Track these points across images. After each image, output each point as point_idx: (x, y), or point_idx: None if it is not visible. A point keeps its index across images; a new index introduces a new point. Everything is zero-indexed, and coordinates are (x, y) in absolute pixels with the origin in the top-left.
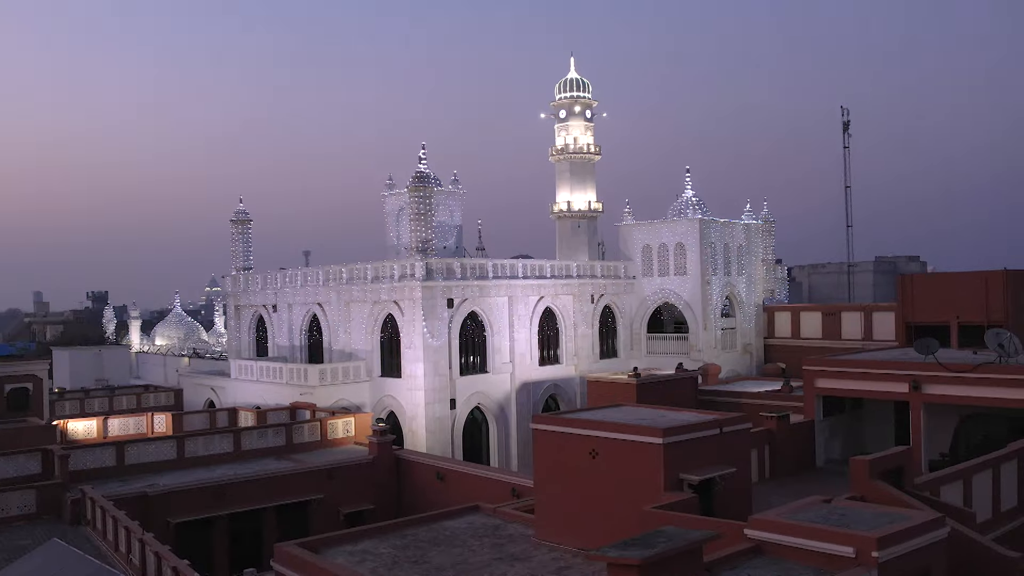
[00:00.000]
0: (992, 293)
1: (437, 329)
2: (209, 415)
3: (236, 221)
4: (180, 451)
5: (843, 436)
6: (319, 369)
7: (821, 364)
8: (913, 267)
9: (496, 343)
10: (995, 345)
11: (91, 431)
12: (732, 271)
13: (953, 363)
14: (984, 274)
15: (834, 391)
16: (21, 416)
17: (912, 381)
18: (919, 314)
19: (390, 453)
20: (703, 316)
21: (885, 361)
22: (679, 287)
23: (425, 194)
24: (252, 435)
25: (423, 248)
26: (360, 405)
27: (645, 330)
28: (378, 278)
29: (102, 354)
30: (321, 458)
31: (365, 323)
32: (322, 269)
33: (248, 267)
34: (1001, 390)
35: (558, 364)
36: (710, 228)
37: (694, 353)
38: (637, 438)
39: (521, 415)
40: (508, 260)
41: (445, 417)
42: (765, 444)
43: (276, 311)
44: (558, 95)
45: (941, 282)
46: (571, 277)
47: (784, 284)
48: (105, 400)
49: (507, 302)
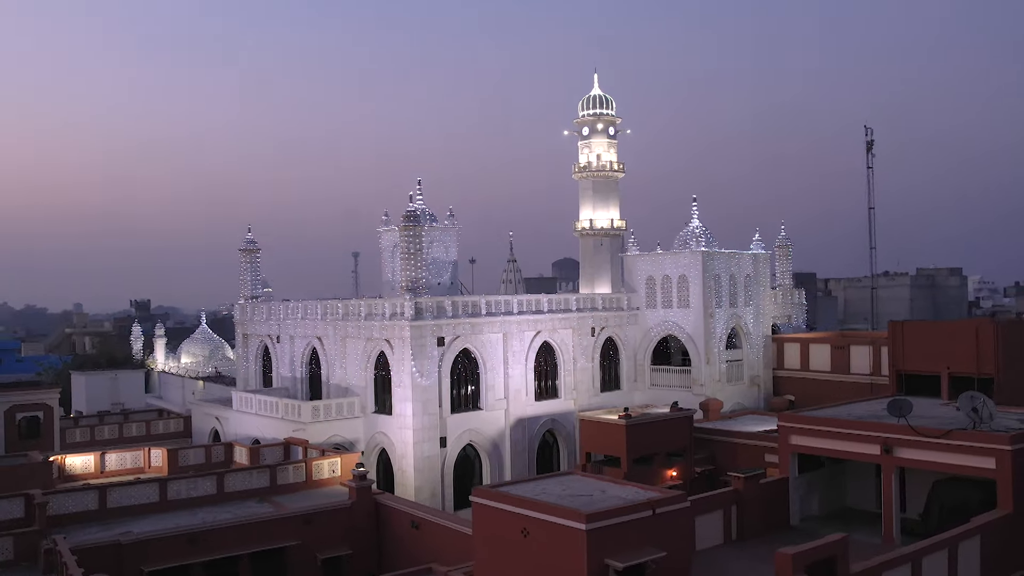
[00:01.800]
0: (983, 344)
1: (426, 368)
2: (205, 450)
3: (245, 251)
4: (163, 494)
5: (823, 492)
6: (312, 406)
7: (795, 421)
8: (953, 281)
9: (490, 380)
10: (969, 409)
11: (88, 466)
12: (739, 302)
13: (926, 427)
14: (975, 323)
15: (808, 449)
16: (33, 444)
17: (884, 444)
18: (910, 363)
19: (369, 497)
20: (706, 350)
21: (859, 421)
22: (682, 319)
23: (415, 233)
24: (235, 477)
25: (412, 287)
26: (354, 441)
27: (649, 362)
28: (371, 315)
29: (118, 378)
30: (304, 500)
31: (359, 359)
32: (320, 303)
33: (256, 295)
34: (971, 458)
35: (556, 398)
36: (714, 260)
37: (696, 387)
38: (562, 521)
39: (516, 452)
40: (503, 296)
41: (434, 456)
42: (732, 504)
43: (279, 342)
44: (581, 112)
45: (932, 330)
46: (570, 311)
47: (802, 309)
48: (116, 427)
49: (501, 338)
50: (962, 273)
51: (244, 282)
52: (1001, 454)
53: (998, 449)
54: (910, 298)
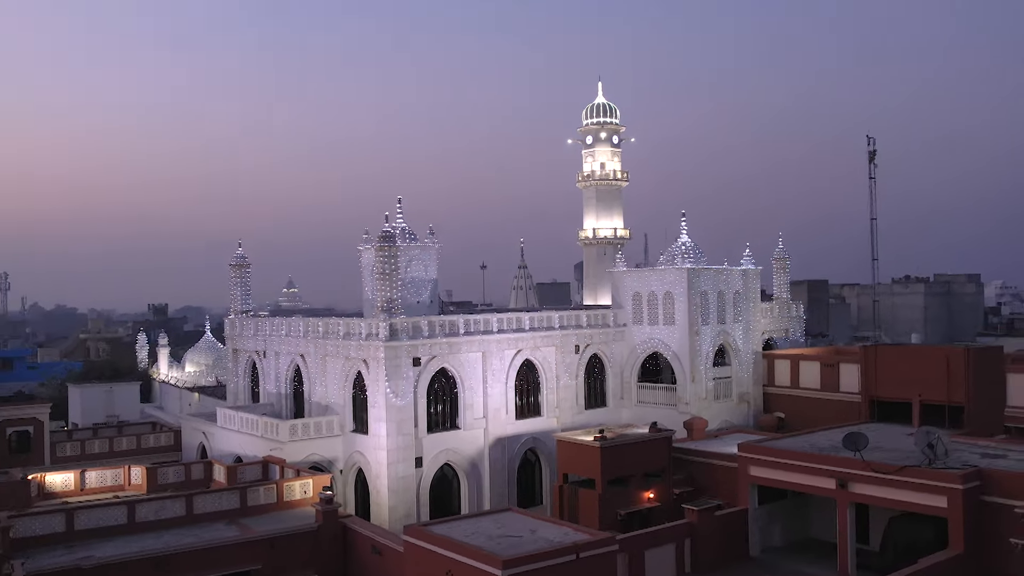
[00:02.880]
0: (954, 371)
1: (401, 388)
2: (185, 468)
3: (235, 265)
4: (131, 516)
5: (785, 522)
6: (289, 425)
7: (754, 452)
8: (970, 288)
9: (468, 399)
10: (924, 445)
11: (69, 484)
12: (727, 319)
13: (882, 462)
14: (946, 351)
15: (767, 481)
16: (23, 458)
17: (839, 479)
18: (882, 389)
19: (336, 521)
20: (691, 367)
21: (815, 454)
22: (667, 337)
23: (390, 253)
24: (205, 499)
25: (388, 307)
26: (333, 460)
27: (636, 379)
28: (349, 334)
29: (113, 390)
30: (273, 523)
31: (339, 378)
32: (302, 321)
33: (247, 310)
34: (924, 495)
35: (538, 416)
36: (700, 277)
37: (681, 405)
38: (480, 565)
39: (495, 471)
40: (482, 315)
41: (410, 476)
42: (685, 538)
43: (265, 358)
44: (585, 121)
45: (904, 356)
46: (552, 328)
47: (800, 322)
48: (106, 441)
49: (480, 357)
50: (980, 280)
51: (235, 297)
52: (952, 493)
53: (949, 488)
54: (924, 306)
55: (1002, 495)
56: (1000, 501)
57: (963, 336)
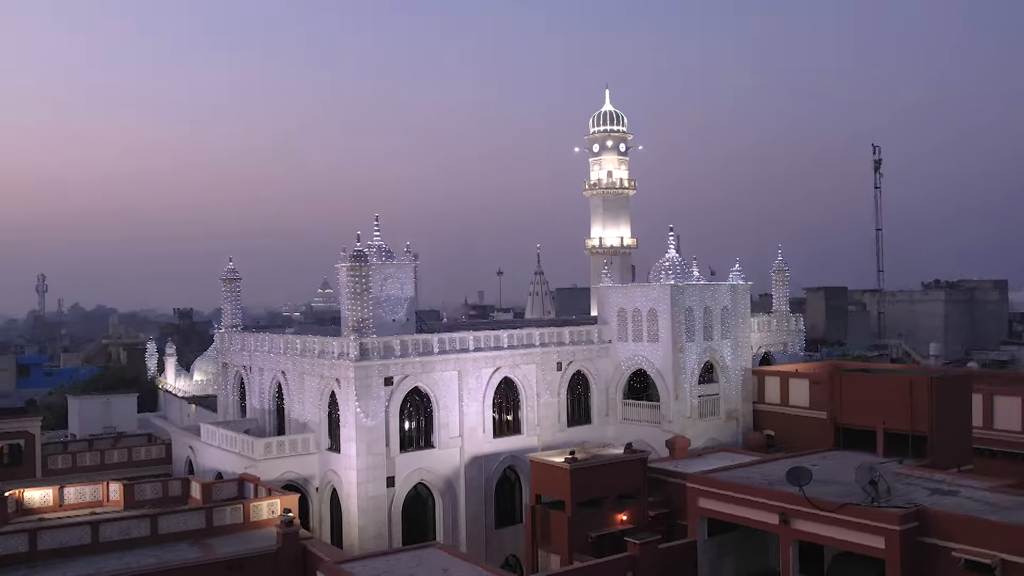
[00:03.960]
0: (917, 400)
1: (372, 408)
2: (162, 484)
3: (226, 280)
4: (95, 536)
5: (736, 554)
6: (264, 442)
7: (702, 483)
8: (994, 295)
9: (443, 418)
10: (865, 483)
11: (47, 500)
12: (715, 335)
13: (822, 499)
14: (909, 378)
15: (715, 513)
16: (14, 471)
17: (781, 514)
18: (847, 416)
19: (297, 544)
20: (674, 385)
21: (759, 488)
22: (651, 354)
23: (362, 273)
24: (170, 519)
25: (358, 327)
26: (309, 478)
27: (621, 396)
28: (324, 353)
29: (110, 402)
30: (238, 544)
31: (315, 396)
32: (283, 338)
33: (236, 325)
34: (863, 535)
35: (518, 435)
36: (684, 293)
37: (665, 424)
38: None
39: (471, 490)
40: (458, 334)
41: (380, 496)
42: (627, 571)
43: (251, 373)
44: (592, 128)
45: (868, 383)
46: (533, 346)
47: (800, 336)
48: (98, 454)
49: (456, 376)
50: (1006, 286)
51: (226, 312)
52: (890, 534)
53: (887, 528)
54: (944, 314)
55: (940, 537)
56: (938, 543)
57: (986, 344)
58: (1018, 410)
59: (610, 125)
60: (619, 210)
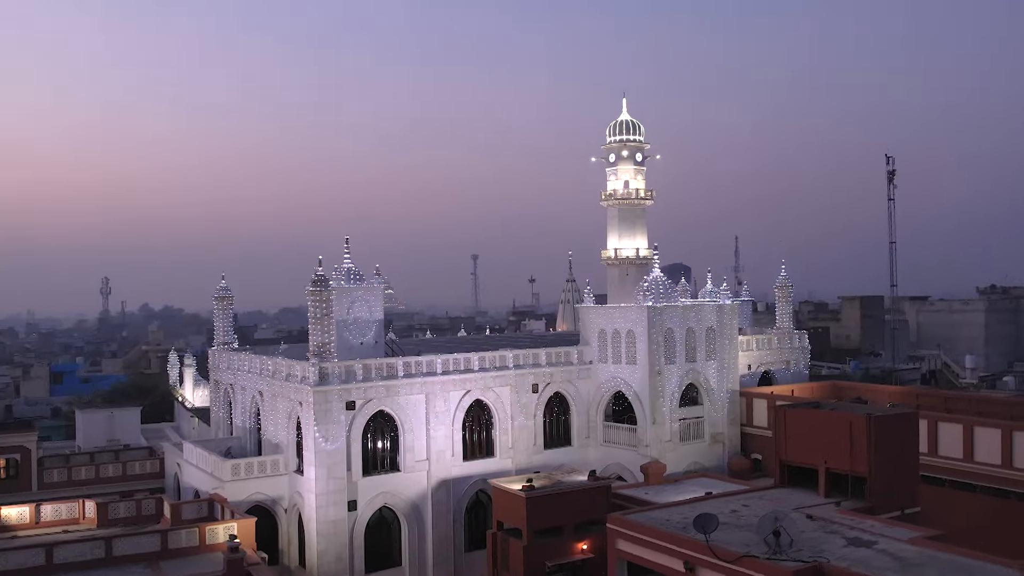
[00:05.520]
0: (857, 440)
1: (331, 432)
2: (136, 503)
3: (218, 298)
4: (49, 558)
5: None
6: (232, 464)
7: (620, 525)
8: None
9: (408, 441)
10: (768, 533)
11: (24, 517)
12: (698, 357)
13: (725, 548)
14: (849, 417)
15: (633, 557)
16: (10, 485)
17: (686, 562)
18: (792, 453)
19: (240, 570)
20: (651, 409)
21: (668, 533)
22: (629, 376)
23: (323, 298)
24: (124, 541)
25: (319, 352)
26: (278, 499)
27: (602, 418)
28: (290, 376)
29: (114, 415)
30: (192, 567)
31: (284, 418)
32: (259, 359)
33: (228, 342)
34: None
35: (491, 457)
36: (663, 315)
37: (641, 448)
38: None
39: (438, 513)
40: (424, 357)
41: (341, 520)
42: None
43: (235, 392)
44: (608, 138)
45: (811, 421)
46: (506, 368)
47: (805, 354)
48: (93, 468)
49: (423, 399)
50: None
51: (218, 329)
52: None
53: None
54: (984, 324)
55: None
56: None
57: None
58: (997, 442)
59: (626, 134)
60: (635, 221)
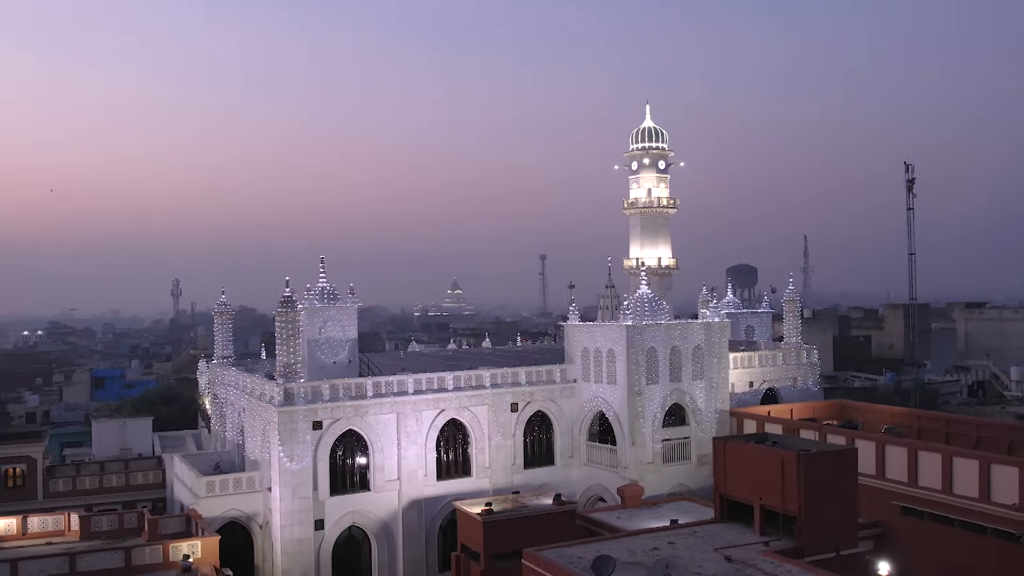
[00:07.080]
0: (788, 477)
1: (297, 452)
2: (118, 516)
3: (219, 312)
4: (14, 573)
5: None
6: (206, 480)
7: (535, 563)
8: None
9: (379, 460)
10: None
11: (11, 529)
12: (684, 376)
13: None
14: (780, 454)
15: None
16: (18, 493)
17: None
18: (731, 488)
19: None
20: (631, 430)
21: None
22: (609, 396)
23: (289, 319)
24: (88, 557)
25: (285, 372)
26: (252, 515)
27: (585, 438)
28: (261, 395)
29: (126, 425)
30: None
31: (259, 435)
32: (240, 377)
33: (227, 356)
34: None
35: (468, 477)
36: (644, 334)
37: (620, 470)
38: None
39: (409, 533)
40: (395, 377)
41: (307, 539)
42: None
43: (226, 406)
44: (631, 145)
45: (747, 456)
46: (483, 387)
47: (815, 370)
48: (97, 478)
49: (395, 418)
50: None
51: (217, 343)
52: None
53: None
54: None
55: None
56: None
57: None
58: (975, 474)
59: (649, 142)
60: (658, 229)
